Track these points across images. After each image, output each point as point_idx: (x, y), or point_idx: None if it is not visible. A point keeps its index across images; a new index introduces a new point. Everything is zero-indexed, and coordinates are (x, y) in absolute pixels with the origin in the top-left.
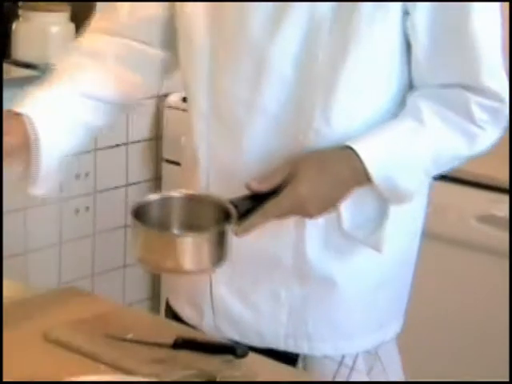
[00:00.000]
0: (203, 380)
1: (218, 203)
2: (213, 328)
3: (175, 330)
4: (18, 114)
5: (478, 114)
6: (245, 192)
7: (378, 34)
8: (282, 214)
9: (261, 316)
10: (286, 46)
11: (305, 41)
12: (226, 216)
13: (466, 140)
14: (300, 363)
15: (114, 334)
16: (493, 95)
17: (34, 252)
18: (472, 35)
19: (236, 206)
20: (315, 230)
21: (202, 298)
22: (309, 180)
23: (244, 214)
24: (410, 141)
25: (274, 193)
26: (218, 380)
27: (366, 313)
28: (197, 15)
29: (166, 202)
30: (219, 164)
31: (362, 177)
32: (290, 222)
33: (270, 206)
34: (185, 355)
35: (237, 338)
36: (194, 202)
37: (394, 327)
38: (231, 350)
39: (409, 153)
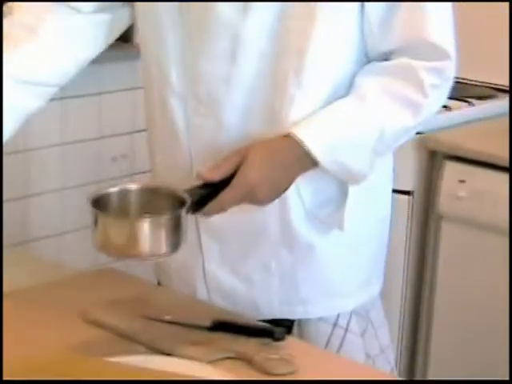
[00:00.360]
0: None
1: (173, 192)
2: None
3: (213, 313)
4: None
5: (427, 78)
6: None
7: (342, 3)
8: (236, 201)
9: (253, 287)
10: (260, 20)
11: (277, 14)
12: (181, 204)
13: (411, 112)
14: (295, 329)
15: (152, 315)
16: (440, 53)
17: (70, 233)
18: None
19: (191, 195)
20: (297, 200)
21: (194, 275)
22: (258, 167)
23: (200, 202)
24: (353, 121)
25: (227, 180)
26: (254, 361)
27: (351, 271)
28: None
29: (124, 193)
30: (201, 142)
31: (308, 163)
32: None
33: (224, 194)
34: (222, 337)
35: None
36: (150, 192)
37: (378, 285)
38: (269, 332)
39: (353, 133)
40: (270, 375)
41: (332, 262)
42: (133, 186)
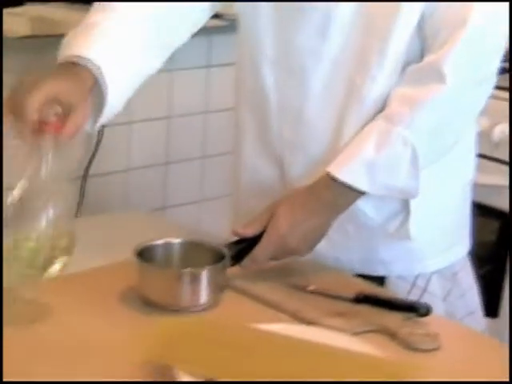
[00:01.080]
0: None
1: (213, 247)
2: None
3: (357, 285)
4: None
5: (449, 67)
6: (311, 127)
7: None
8: (269, 253)
9: (335, 246)
10: (350, 2)
11: None
12: (220, 258)
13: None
14: None
15: (296, 284)
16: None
17: (208, 200)
18: None
19: (230, 249)
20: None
21: None
22: (284, 216)
23: (239, 255)
24: (383, 146)
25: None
26: (399, 335)
27: (432, 234)
28: None
29: (167, 246)
30: (289, 108)
31: (350, 197)
32: None
33: (256, 249)
34: (366, 310)
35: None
36: (192, 246)
37: (463, 247)
38: (413, 307)
39: (387, 156)
40: (414, 350)
41: (418, 222)
42: (176, 240)
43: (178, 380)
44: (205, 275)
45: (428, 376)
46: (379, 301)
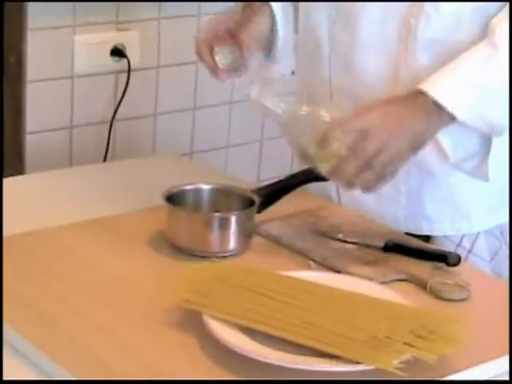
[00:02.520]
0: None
1: (243, 193)
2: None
3: (386, 233)
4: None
5: None
6: (362, 75)
7: None
8: (354, 171)
9: (381, 199)
10: None
11: None
12: (250, 204)
13: None
14: None
15: (325, 232)
16: None
17: (235, 147)
18: None
19: (259, 195)
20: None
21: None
22: (376, 134)
23: (267, 201)
24: (485, 69)
25: (292, 183)
26: (429, 284)
27: (484, 192)
28: None
29: (197, 191)
30: (339, 52)
31: (443, 119)
32: None
33: (341, 165)
34: (395, 259)
35: None
36: (221, 192)
37: None
38: (443, 257)
39: (486, 81)
40: (444, 300)
41: (460, 184)
42: (205, 186)
43: (209, 327)
44: (234, 220)
45: (457, 326)
46: (409, 249)
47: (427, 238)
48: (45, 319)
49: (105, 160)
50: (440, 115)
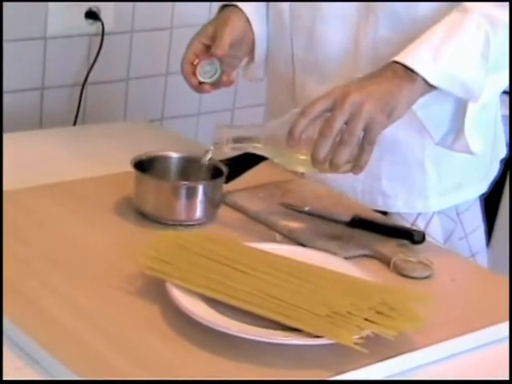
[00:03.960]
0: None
1: (211, 163)
2: None
3: (352, 208)
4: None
5: None
6: (324, 48)
7: None
8: (323, 108)
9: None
10: None
11: None
12: (218, 174)
13: None
14: None
15: (291, 205)
16: None
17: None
18: None
19: (227, 165)
20: None
21: None
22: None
23: (234, 172)
24: (456, 33)
25: (262, 158)
26: (392, 261)
27: (441, 172)
28: None
29: (165, 159)
30: (300, 25)
31: (417, 86)
32: None
33: (309, 103)
34: (360, 234)
35: None
36: (190, 161)
37: (474, 188)
38: (408, 234)
39: (456, 41)
40: (407, 278)
41: (421, 159)
42: (174, 154)
43: (171, 295)
44: (201, 189)
45: (419, 304)
46: (374, 226)
47: (383, 215)
48: (8, 285)
49: (75, 123)
50: (412, 81)
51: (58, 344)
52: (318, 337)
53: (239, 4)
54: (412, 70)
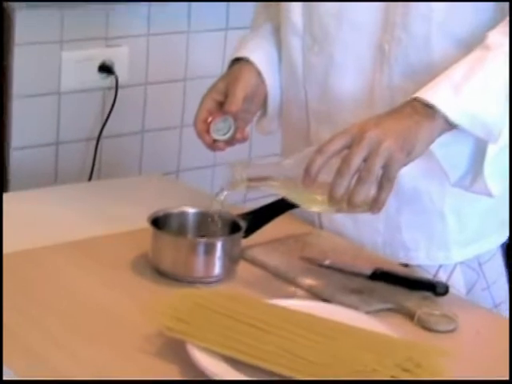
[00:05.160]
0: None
1: (229, 218)
2: None
3: (373, 260)
4: (248, 62)
5: None
6: (338, 99)
7: None
8: (341, 146)
9: (360, 225)
10: None
11: None
12: (235, 229)
13: None
14: None
15: (312, 258)
16: None
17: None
18: None
19: (245, 220)
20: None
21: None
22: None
23: (253, 226)
24: (479, 71)
25: (281, 207)
26: (416, 315)
27: (461, 221)
28: None
29: (182, 215)
30: (314, 77)
31: (437, 123)
32: None
33: (326, 142)
34: (382, 287)
35: None
36: (207, 216)
37: (495, 237)
38: (431, 286)
39: (480, 81)
40: (431, 331)
41: (442, 210)
42: (191, 209)
43: (191, 355)
44: (219, 246)
45: (444, 358)
46: (396, 278)
47: (405, 267)
48: (18, 343)
49: (90, 177)
50: (432, 118)
51: None
52: None
53: (250, 56)
54: (432, 107)
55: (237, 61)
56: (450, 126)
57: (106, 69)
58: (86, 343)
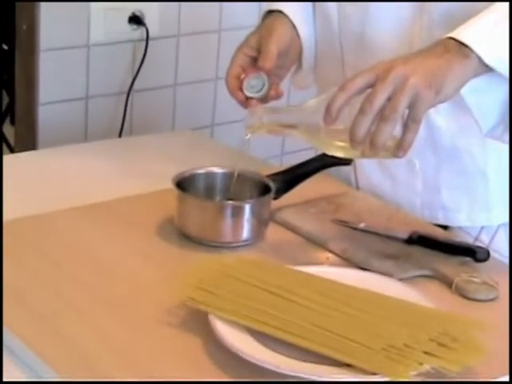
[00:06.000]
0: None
1: (258, 178)
2: None
3: (410, 223)
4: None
5: None
6: (375, 52)
7: None
8: (366, 82)
9: (398, 185)
10: None
11: None
12: (265, 190)
13: None
14: None
15: (345, 221)
16: None
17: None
18: None
19: (274, 181)
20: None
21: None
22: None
23: (283, 188)
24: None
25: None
26: (454, 282)
27: (504, 182)
28: None
29: (209, 176)
30: (350, 30)
31: (470, 63)
32: None
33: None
34: (419, 252)
35: None
36: (235, 177)
37: None
38: (471, 251)
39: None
40: (470, 300)
41: (478, 168)
42: (218, 170)
43: (214, 328)
44: (248, 209)
45: (483, 331)
46: (434, 242)
47: (444, 229)
48: (37, 314)
49: (121, 132)
50: (465, 57)
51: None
52: (373, 373)
53: (284, 9)
54: (466, 46)
55: (269, 13)
56: (484, 68)
57: (135, 20)
58: (102, 311)
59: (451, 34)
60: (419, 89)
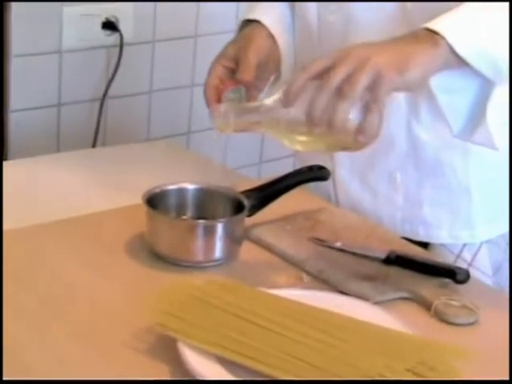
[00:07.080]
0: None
1: (231, 195)
2: None
3: (388, 241)
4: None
5: None
6: None
7: None
8: (324, 65)
9: (378, 199)
10: None
11: None
12: (239, 208)
13: None
14: None
15: (322, 239)
16: None
17: None
18: None
19: (248, 198)
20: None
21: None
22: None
23: (258, 205)
24: (491, 10)
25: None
26: (433, 306)
27: (487, 199)
28: None
29: (180, 192)
30: (331, 39)
31: (441, 50)
32: (402, 101)
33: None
34: (397, 273)
35: None
36: (207, 193)
37: None
38: (450, 272)
39: (493, 20)
40: (449, 324)
41: (467, 184)
42: (190, 186)
43: (182, 355)
44: (220, 228)
45: (463, 358)
46: (412, 262)
47: (425, 247)
48: None
49: (95, 140)
50: (435, 45)
51: None
52: None
53: (262, 18)
54: (436, 33)
55: (247, 22)
56: (456, 60)
57: (109, 25)
58: (67, 334)
59: (424, 25)
60: (381, 67)
